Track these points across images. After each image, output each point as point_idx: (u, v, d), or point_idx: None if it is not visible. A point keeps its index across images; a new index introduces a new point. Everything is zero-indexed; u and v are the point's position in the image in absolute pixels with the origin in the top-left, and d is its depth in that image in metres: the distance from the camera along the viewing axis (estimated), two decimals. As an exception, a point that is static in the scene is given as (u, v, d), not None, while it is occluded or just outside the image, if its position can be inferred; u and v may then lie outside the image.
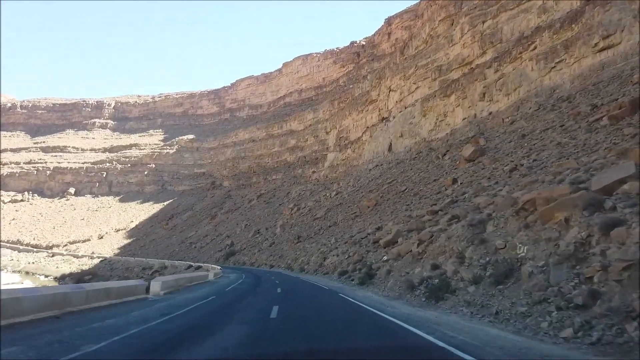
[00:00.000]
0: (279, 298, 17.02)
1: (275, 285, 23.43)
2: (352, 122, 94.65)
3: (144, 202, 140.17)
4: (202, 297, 18.17)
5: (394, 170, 58.24)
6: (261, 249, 56.63)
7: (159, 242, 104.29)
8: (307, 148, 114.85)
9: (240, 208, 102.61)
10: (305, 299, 17.08)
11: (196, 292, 20.90)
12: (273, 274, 34.74)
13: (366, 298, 16.50)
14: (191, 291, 21.85)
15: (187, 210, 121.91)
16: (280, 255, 47.42)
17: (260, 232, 66.05)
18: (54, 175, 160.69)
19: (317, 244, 41.03)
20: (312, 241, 44.74)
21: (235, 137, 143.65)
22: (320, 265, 32.44)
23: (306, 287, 22.85)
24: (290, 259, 42.70)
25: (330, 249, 35.33)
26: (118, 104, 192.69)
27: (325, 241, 39.92)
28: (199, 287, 24.54)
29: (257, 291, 21.06)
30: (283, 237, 55.99)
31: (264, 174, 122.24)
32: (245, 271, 41.12)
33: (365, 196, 50.19)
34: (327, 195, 65.90)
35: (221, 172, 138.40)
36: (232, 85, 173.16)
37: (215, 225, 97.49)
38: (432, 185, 37.81)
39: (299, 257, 39.84)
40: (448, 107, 59.64)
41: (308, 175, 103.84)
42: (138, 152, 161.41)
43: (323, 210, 53.45)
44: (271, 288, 22.22)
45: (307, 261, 35.85)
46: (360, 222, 39.69)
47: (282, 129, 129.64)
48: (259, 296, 18.64)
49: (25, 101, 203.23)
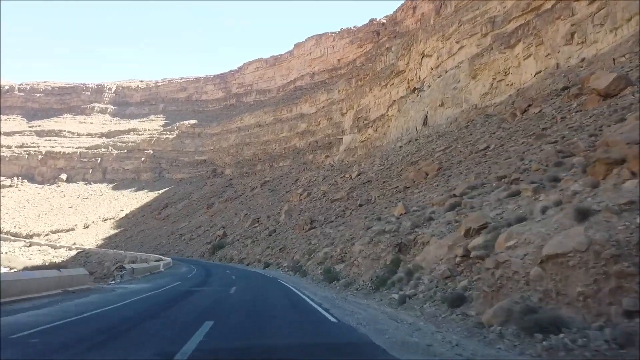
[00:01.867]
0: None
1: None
2: (373, 99, 79.72)
3: (138, 191, 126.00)
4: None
5: (437, 143, 43.25)
6: (256, 239, 42.04)
7: (148, 233, 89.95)
8: (319, 132, 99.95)
9: (242, 196, 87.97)
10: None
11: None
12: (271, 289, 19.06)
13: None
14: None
15: (183, 199, 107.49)
16: (281, 248, 32.76)
17: (260, 221, 51.56)
18: (45, 160, 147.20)
19: (346, 227, 26.29)
20: (335, 225, 29.92)
21: (240, 122, 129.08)
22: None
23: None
24: (298, 252, 28.14)
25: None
26: (119, 88, 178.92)
27: (359, 222, 25.18)
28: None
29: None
30: (288, 225, 41.34)
31: (270, 161, 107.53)
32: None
33: (406, 169, 35.60)
34: (347, 176, 51.19)
35: (223, 160, 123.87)
36: (239, 69, 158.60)
37: (212, 216, 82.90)
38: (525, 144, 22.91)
39: (315, 249, 25.01)
40: (511, 62, 44.46)
41: (320, 160, 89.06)
42: (136, 137, 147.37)
43: (343, 192, 38.98)
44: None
45: (335, 255, 20.40)
46: (418, 193, 25.11)
47: (292, 113, 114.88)
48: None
49: (24, 84, 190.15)
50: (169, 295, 15.57)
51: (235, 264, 38.35)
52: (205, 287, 18.87)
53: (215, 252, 51.00)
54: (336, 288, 16.56)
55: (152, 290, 17.62)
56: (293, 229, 37.03)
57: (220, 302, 13.09)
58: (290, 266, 26.23)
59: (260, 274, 26.79)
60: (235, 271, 29.50)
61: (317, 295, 14.90)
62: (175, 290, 17.30)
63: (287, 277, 23.39)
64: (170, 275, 26.70)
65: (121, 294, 16.14)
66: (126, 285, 21.29)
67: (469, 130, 40.91)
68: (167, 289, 18.06)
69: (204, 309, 11.77)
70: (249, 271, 29.81)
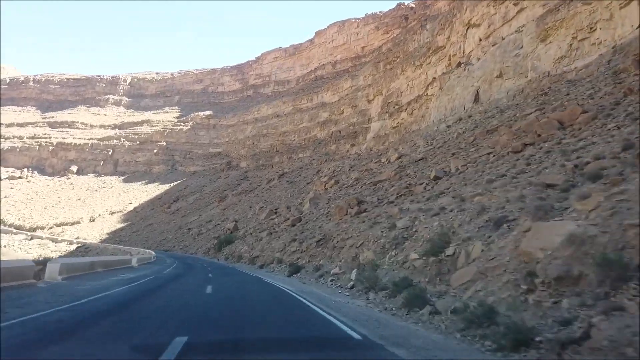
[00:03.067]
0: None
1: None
2: (406, 81, 70.22)
3: (149, 183, 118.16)
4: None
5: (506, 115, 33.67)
6: (275, 231, 32.65)
7: (155, 228, 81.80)
8: (342, 121, 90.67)
9: (257, 189, 79.16)
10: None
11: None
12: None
13: None
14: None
15: (195, 192, 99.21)
16: (320, 239, 20.79)
17: (279, 212, 42.41)
18: (56, 152, 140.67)
19: (439, 203, 14.11)
20: (406, 203, 19.53)
21: (257, 113, 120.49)
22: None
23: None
24: (366, 244, 14.85)
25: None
26: (134, 80, 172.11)
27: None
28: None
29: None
30: (315, 214, 32.02)
31: (288, 153, 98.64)
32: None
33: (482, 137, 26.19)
34: (383, 161, 41.89)
35: (239, 152, 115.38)
36: (257, 59, 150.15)
37: (224, 209, 74.25)
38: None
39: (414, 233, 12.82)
40: (600, 14, 34.58)
41: (344, 150, 79.89)
42: (149, 128, 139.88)
43: (389, 172, 29.60)
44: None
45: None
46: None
47: (312, 102, 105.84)
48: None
49: (39, 75, 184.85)
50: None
51: (242, 265, 29.00)
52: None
53: (221, 248, 42.05)
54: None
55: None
56: (327, 215, 27.79)
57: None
58: (364, 276, 12.82)
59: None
60: (230, 283, 17.74)
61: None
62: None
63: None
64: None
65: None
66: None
67: (550, 97, 31.20)
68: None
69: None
70: (264, 290, 15.23)
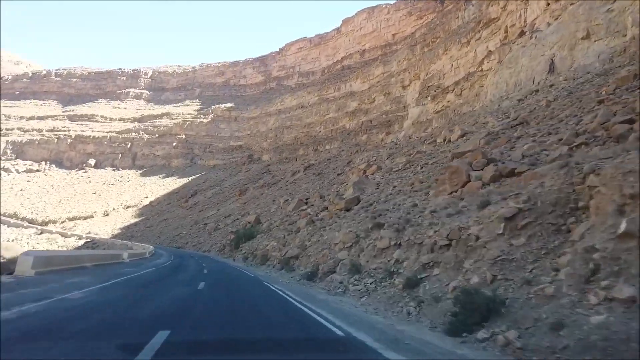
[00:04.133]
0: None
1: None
2: (449, 61, 61.54)
3: (167, 177, 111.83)
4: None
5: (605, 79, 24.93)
6: (318, 219, 24.55)
7: (170, 223, 74.90)
8: (373, 110, 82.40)
9: (281, 181, 71.55)
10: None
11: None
12: None
13: None
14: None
15: (214, 186, 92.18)
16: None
17: (311, 202, 34.62)
18: (75, 145, 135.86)
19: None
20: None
21: (281, 105, 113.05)
22: None
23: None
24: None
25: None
26: (155, 74, 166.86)
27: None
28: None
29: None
30: (385, 191, 23.24)
31: (314, 145, 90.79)
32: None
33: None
34: (441, 141, 33.60)
35: (261, 145, 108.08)
36: (281, 50, 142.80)
37: (244, 203, 66.82)
38: None
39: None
40: None
41: (377, 140, 71.67)
42: (168, 121, 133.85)
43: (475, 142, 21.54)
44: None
45: None
46: None
47: (340, 91, 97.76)
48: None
49: (61, 69, 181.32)
50: None
51: (270, 271, 20.77)
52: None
53: (239, 244, 34.16)
54: None
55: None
56: (414, 189, 19.39)
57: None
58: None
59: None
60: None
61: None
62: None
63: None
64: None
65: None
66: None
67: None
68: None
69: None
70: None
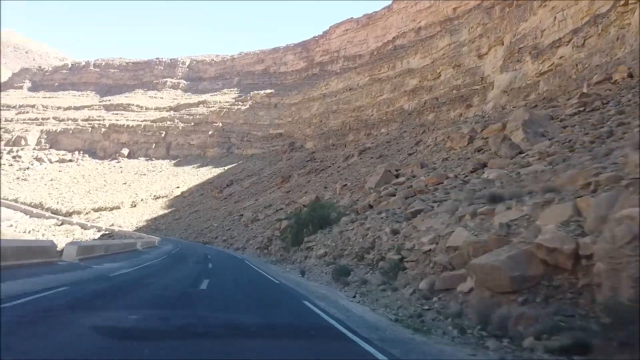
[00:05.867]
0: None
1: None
2: (551, 14, 47.27)
3: (202, 167, 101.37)
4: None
5: None
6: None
7: (201, 214, 63.81)
8: (440, 86, 68.76)
9: (331, 167, 59.01)
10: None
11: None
12: None
13: None
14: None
15: (251, 175, 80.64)
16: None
17: (403, 174, 22.28)
18: (108, 134, 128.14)
19: None
20: None
21: (326, 89, 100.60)
22: None
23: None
24: None
25: None
26: (193, 63, 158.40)
27: None
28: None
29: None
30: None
31: (367, 129, 77.86)
32: None
33: None
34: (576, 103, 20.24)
35: (304, 132, 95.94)
36: (324, 33, 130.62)
37: (288, 191, 54.67)
38: None
39: None
40: None
41: (449, 118, 58.05)
42: (205, 109, 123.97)
43: None
44: None
45: None
46: None
47: (396, 70, 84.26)
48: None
49: (100, 59, 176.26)
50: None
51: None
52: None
53: (299, 239, 20.48)
54: None
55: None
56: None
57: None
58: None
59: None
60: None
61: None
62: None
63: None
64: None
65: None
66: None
67: None
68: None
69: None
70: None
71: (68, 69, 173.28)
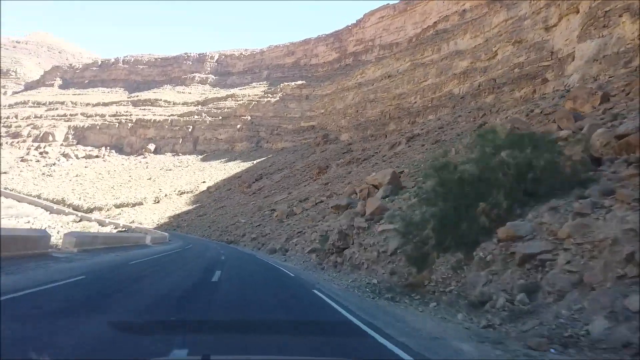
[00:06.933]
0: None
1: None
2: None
3: (229, 162, 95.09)
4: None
5: None
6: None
7: (228, 210, 57.12)
8: (497, 66, 59.97)
9: (375, 156, 51.24)
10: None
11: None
12: None
13: None
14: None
15: (282, 169, 73.57)
16: None
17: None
18: (135, 129, 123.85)
19: None
20: None
21: (361, 77, 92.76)
22: None
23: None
24: None
25: None
26: (222, 57, 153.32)
27: None
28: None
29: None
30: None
31: (410, 117, 69.69)
32: None
33: None
34: None
35: (338, 123, 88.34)
36: (358, 22, 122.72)
37: (326, 183, 47.23)
38: None
39: None
40: None
41: (515, 98, 49.36)
42: (233, 103, 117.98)
43: None
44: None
45: None
46: None
47: (441, 53, 75.71)
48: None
49: (129, 56, 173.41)
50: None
51: None
52: None
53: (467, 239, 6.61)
54: None
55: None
56: None
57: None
58: None
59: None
60: None
61: None
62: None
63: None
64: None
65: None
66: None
67: None
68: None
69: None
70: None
71: (98, 66, 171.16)
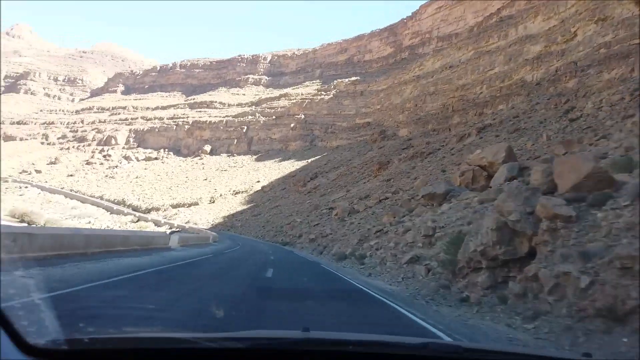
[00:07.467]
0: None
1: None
2: None
3: (283, 161, 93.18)
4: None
5: None
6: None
7: (282, 209, 54.66)
8: (577, 48, 53.46)
9: (441, 150, 46.74)
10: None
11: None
12: None
13: None
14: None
15: (338, 167, 70.32)
16: None
17: None
18: (192, 131, 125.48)
19: None
20: None
21: (420, 70, 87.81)
22: None
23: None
24: None
25: None
26: (274, 58, 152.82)
27: None
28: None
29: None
30: None
31: (477, 108, 64.19)
32: None
33: None
34: None
35: (395, 118, 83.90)
36: (414, 14, 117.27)
37: (388, 179, 43.38)
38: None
39: None
40: None
41: (605, 80, 43.16)
42: (286, 102, 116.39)
43: None
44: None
45: None
46: None
47: (509, 38, 69.55)
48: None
49: (185, 60, 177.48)
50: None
51: None
52: None
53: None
54: None
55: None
56: None
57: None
58: None
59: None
60: None
61: None
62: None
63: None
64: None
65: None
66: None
67: None
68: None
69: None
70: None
71: (157, 71, 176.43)
